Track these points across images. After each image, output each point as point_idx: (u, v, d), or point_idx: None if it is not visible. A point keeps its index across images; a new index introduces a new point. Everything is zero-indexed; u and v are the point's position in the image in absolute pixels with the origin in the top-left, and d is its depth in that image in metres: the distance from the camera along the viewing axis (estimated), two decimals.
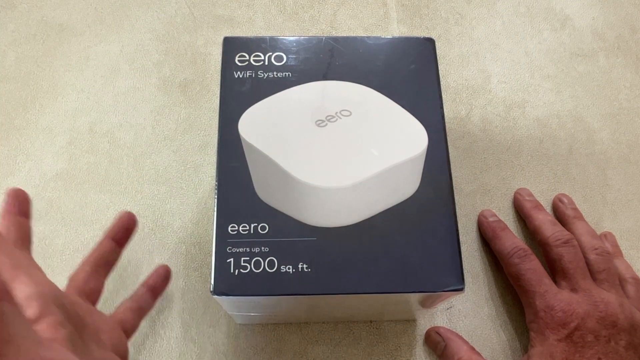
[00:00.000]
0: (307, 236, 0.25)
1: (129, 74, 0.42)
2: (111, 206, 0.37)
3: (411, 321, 0.35)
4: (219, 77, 0.45)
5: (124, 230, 0.31)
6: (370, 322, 0.35)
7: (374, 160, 0.26)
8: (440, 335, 0.33)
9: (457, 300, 0.35)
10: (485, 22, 0.46)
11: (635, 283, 0.34)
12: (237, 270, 0.25)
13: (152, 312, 0.34)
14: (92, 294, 0.28)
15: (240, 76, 0.29)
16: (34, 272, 0.22)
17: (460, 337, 0.33)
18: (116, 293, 0.35)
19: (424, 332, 0.34)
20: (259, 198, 0.26)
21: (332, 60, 0.29)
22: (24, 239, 0.26)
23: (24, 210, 0.27)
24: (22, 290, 0.20)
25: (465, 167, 0.40)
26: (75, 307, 0.23)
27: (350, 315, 0.33)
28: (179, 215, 0.37)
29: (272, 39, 0.30)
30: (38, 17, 0.44)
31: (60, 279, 0.35)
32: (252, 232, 0.25)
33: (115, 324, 0.27)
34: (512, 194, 0.39)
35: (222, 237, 0.25)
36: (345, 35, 0.32)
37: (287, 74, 0.29)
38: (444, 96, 0.42)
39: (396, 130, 0.27)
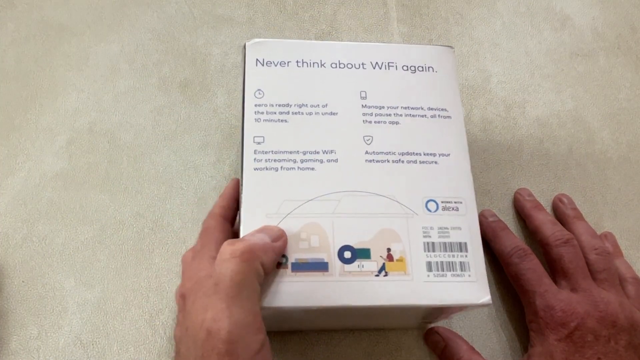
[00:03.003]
0: None
1: (129, 74, 0.42)
2: (111, 206, 0.37)
3: None
4: (219, 77, 0.45)
5: None
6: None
7: None
8: (440, 335, 0.33)
9: None
10: (485, 22, 0.46)
11: (636, 283, 0.34)
12: None
13: (152, 312, 0.34)
14: None
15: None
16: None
17: (460, 337, 0.33)
18: (116, 292, 0.34)
19: (424, 332, 0.34)
20: None
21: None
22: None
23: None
24: None
25: None
26: None
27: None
28: (179, 215, 0.37)
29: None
30: (38, 17, 0.44)
31: (60, 279, 0.35)
32: None
33: None
34: (512, 194, 0.39)
35: None
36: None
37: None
38: None
39: None
